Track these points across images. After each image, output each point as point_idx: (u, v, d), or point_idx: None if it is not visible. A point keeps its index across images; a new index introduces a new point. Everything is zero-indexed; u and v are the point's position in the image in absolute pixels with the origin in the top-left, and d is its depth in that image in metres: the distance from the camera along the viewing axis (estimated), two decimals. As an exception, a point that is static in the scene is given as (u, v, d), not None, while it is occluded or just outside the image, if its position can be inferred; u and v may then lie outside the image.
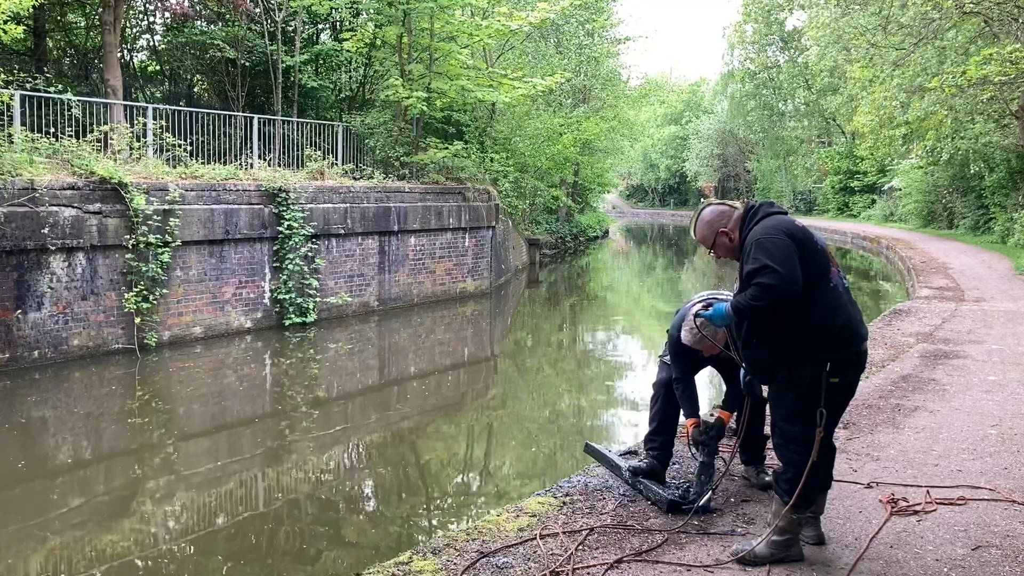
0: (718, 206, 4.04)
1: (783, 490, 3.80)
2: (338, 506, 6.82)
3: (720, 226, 3.94)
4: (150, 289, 11.11)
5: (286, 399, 9.93)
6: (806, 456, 3.68)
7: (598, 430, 9.04)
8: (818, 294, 3.64)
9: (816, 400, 3.64)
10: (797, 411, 3.71)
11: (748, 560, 3.80)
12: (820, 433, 3.65)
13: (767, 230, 3.69)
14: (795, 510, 3.75)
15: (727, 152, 59.15)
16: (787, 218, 3.80)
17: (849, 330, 3.68)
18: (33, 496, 6.78)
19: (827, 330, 3.63)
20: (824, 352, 3.63)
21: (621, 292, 23.07)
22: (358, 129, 17.30)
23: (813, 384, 3.64)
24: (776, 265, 3.54)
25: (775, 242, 3.61)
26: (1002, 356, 8.78)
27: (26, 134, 10.96)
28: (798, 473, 3.72)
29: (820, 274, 3.67)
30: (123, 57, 19.25)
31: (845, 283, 3.80)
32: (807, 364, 3.64)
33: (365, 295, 14.78)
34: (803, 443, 3.71)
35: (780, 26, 48.90)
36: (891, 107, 22.33)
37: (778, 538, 3.81)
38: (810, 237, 3.73)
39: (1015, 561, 3.92)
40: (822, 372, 3.62)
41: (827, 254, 3.76)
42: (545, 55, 27.76)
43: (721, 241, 3.95)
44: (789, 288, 3.53)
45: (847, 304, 3.73)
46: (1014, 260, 19.00)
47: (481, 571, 3.74)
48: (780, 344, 3.69)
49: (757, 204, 3.94)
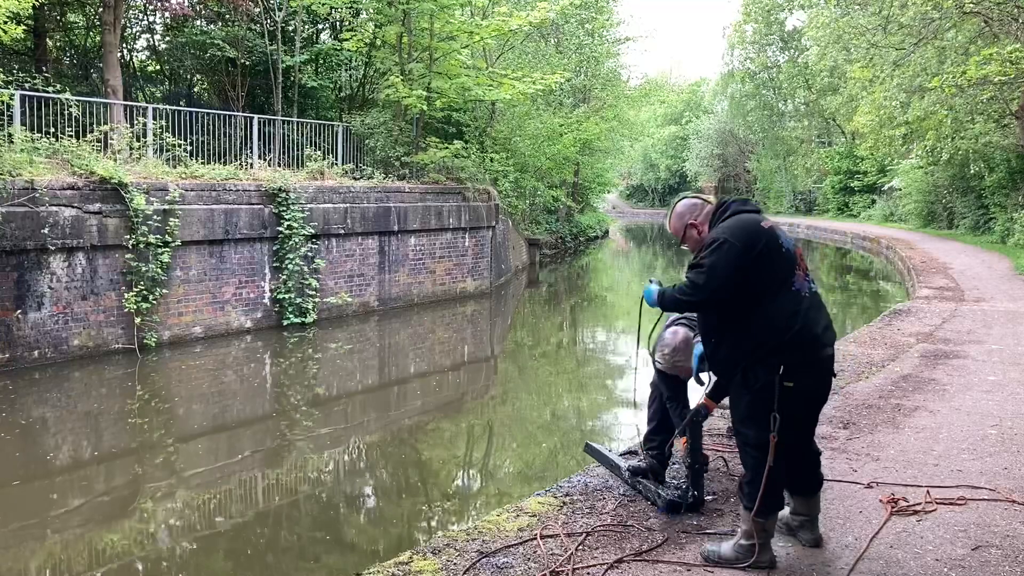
0: (692, 199, 4.11)
1: (745, 494, 3.78)
2: (338, 506, 6.82)
3: (690, 218, 4.02)
4: (150, 289, 11.11)
5: (286, 399, 9.93)
6: (763, 460, 3.66)
7: (598, 430, 9.03)
8: (776, 298, 3.63)
9: (769, 404, 3.61)
10: (751, 414, 3.70)
11: (714, 561, 3.81)
12: (774, 438, 3.60)
13: (729, 230, 3.71)
14: (759, 515, 3.70)
15: (727, 152, 59.12)
16: (753, 218, 3.78)
17: (806, 335, 3.62)
18: (33, 496, 6.78)
19: (780, 333, 3.60)
20: (777, 355, 3.60)
21: (621, 292, 23.07)
22: (358, 129, 17.30)
23: (766, 387, 3.61)
24: (716, 269, 3.62)
25: (726, 246, 3.65)
26: (1002, 356, 8.78)
27: (26, 134, 10.95)
28: (757, 477, 3.69)
29: (781, 278, 3.66)
30: (123, 57, 19.25)
31: (811, 287, 3.75)
32: (760, 366, 3.63)
33: (365, 295, 14.78)
34: (757, 447, 3.69)
35: (780, 26, 48.93)
36: (891, 107, 22.34)
37: (745, 542, 3.78)
38: (774, 240, 3.70)
39: (1015, 561, 3.92)
40: (775, 375, 3.59)
41: (793, 257, 3.72)
42: (545, 55, 27.73)
43: (690, 234, 4.01)
44: (713, 297, 3.64)
45: (808, 309, 3.67)
46: (1014, 260, 18.99)
47: (481, 571, 3.74)
48: (736, 344, 3.70)
49: (728, 201, 3.96)
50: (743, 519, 3.81)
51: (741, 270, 3.61)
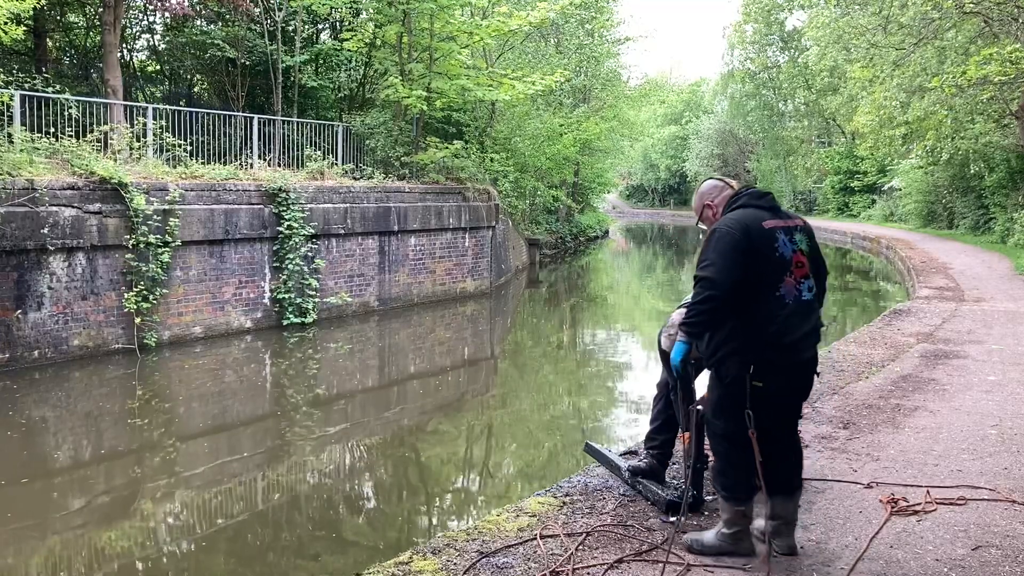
0: (716, 181, 4.19)
1: (718, 483, 3.92)
2: (338, 506, 6.82)
3: (708, 199, 4.10)
4: (150, 289, 11.11)
5: (286, 399, 9.93)
6: (731, 450, 3.79)
7: (598, 430, 9.03)
8: (757, 301, 3.66)
9: (739, 400, 3.68)
10: (722, 407, 3.80)
11: (697, 550, 3.90)
12: (753, 434, 3.66)
13: (726, 221, 3.75)
14: (735, 502, 3.82)
15: (727, 152, 59.10)
16: (757, 215, 3.76)
17: (781, 339, 3.64)
18: (33, 496, 6.78)
19: (754, 335, 3.65)
20: (747, 354, 3.66)
21: (621, 292, 23.07)
22: (358, 129, 17.30)
23: (736, 383, 3.69)
24: (720, 256, 3.64)
25: (719, 235, 3.69)
26: (1002, 356, 8.78)
27: (26, 134, 10.95)
28: (727, 466, 3.83)
29: (767, 282, 3.66)
30: (123, 57, 19.25)
31: (803, 296, 3.70)
32: (731, 363, 3.71)
33: (365, 295, 14.78)
34: (725, 438, 3.81)
35: (780, 26, 48.90)
36: (891, 107, 22.33)
37: (727, 531, 3.87)
38: (769, 242, 3.68)
39: (1015, 561, 3.92)
40: (745, 373, 3.66)
41: (786, 264, 3.69)
42: (545, 55, 27.74)
43: (706, 214, 4.11)
44: (730, 279, 3.62)
45: (789, 316, 3.65)
46: (1014, 260, 19.00)
47: (481, 571, 3.74)
48: (717, 339, 3.77)
49: (743, 190, 3.97)
50: (722, 508, 3.92)
51: (743, 253, 3.63)
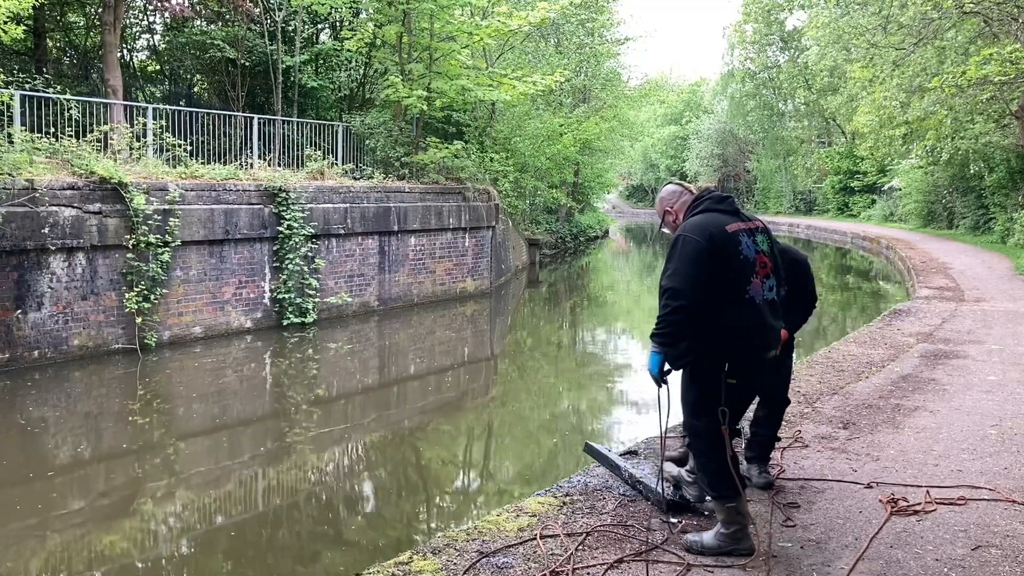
0: (675, 186, 4.29)
1: (705, 483, 3.96)
2: (338, 506, 6.82)
3: (668, 204, 4.21)
4: (150, 289, 11.11)
5: (286, 399, 9.93)
6: (711, 448, 3.85)
7: (598, 430, 9.04)
8: (729, 305, 3.76)
9: (716, 398, 3.79)
10: (701, 406, 3.86)
11: (697, 550, 3.92)
12: (725, 431, 3.79)
13: (689, 227, 3.82)
14: (725, 500, 3.85)
15: (727, 152, 59.12)
16: (719, 219, 3.85)
17: (752, 338, 3.79)
18: (33, 496, 6.78)
19: (726, 339, 3.76)
20: (722, 353, 3.80)
21: (621, 292, 23.07)
22: (358, 129, 17.30)
23: (712, 382, 3.80)
24: (683, 263, 3.71)
25: (683, 241, 3.76)
26: (1002, 356, 8.78)
27: (26, 134, 10.95)
28: (709, 464, 3.88)
29: (735, 286, 3.76)
30: (123, 57, 19.26)
31: (769, 296, 3.85)
32: (706, 364, 3.82)
33: (365, 295, 14.78)
34: (705, 436, 3.86)
35: (780, 26, 48.93)
36: (891, 107, 22.33)
37: (725, 530, 3.90)
38: (732, 245, 3.78)
39: (1015, 561, 3.92)
40: (720, 372, 3.80)
41: (750, 266, 3.80)
42: (545, 55, 27.74)
43: (667, 219, 4.22)
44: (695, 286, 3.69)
45: (758, 317, 3.78)
46: (1014, 260, 19.00)
47: (481, 571, 3.74)
48: (689, 342, 3.83)
49: (704, 195, 4.04)
50: (716, 509, 3.95)
51: (708, 259, 3.71)
